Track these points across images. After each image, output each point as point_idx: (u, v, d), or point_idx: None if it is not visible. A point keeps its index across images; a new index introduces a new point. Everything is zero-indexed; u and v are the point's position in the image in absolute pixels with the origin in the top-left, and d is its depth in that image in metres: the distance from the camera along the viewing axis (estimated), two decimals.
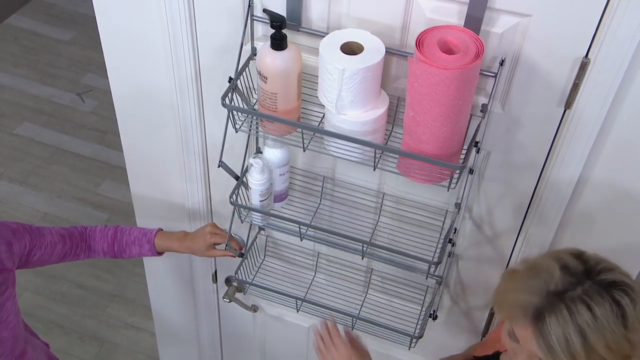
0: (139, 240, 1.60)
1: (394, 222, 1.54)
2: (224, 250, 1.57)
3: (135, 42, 1.44)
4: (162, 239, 1.61)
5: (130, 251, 1.61)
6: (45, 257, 1.53)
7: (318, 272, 1.74)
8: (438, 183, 1.25)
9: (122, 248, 1.60)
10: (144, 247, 1.60)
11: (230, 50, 1.36)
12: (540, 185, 1.35)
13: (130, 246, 1.60)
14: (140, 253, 1.61)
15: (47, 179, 3.31)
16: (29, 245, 1.48)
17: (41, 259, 1.52)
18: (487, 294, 1.59)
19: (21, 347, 1.51)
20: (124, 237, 1.60)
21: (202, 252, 1.59)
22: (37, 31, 4.07)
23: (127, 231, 1.61)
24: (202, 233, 1.58)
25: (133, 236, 1.60)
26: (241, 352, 2.11)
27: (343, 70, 1.15)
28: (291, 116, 1.29)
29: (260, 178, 1.38)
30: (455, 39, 1.11)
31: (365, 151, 1.25)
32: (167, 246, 1.61)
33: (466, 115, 1.19)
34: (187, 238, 1.60)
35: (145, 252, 1.61)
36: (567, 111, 1.23)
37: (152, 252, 1.61)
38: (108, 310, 2.86)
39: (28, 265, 1.50)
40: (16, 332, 1.47)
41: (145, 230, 1.62)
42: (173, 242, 1.60)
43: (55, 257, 1.55)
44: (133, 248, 1.61)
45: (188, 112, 1.53)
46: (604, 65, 1.14)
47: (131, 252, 1.61)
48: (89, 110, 3.64)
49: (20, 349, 1.51)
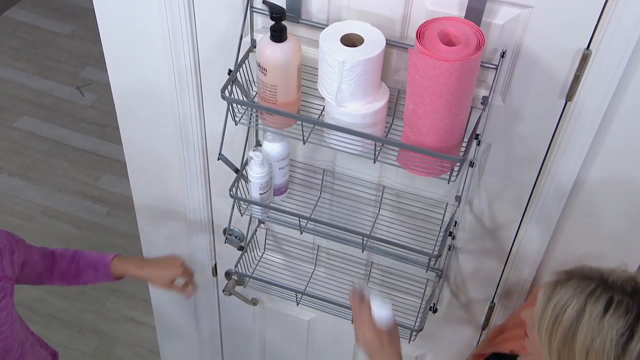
0: (95, 264, 1.60)
1: (394, 215, 1.54)
2: (181, 288, 1.62)
3: (134, 35, 1.44)
4: (119, 262, 1.60)
5: (88, 276, 1.60)
6: (30, 274, 1.53)
7: (318, 265, 1.74)
8: (438, 176, 1.25)
9: (78, 274, 1.60)
10: (100, 270, 1.59)
11: (230, 42, 1.35)
12: (541, 178, 1.34)
13: (86, 270, 1.60)
14: (95, 278, 1.61)
15: (46, 173, 3.31)
16: (23, 257, 1.48)
17: (27, 275, 1.52)
18: (488, 287, 1.59)
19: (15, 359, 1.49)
20: (81, 261, 1.60)
21: (162, 282, 1.60)
22: (36, 24, 4.06)
23: (85, 255, 1.61)
24: (173, 265, 1.59)
25: (90, 261, 1.60)
26: (241, 345, 2.11)
27: (343, 62, 1.14)
28: (291, 109, 1.28)
29: (260, 171, 1.38)
30: (456, 30, 1.11)
31: (365, 144, 1.25)
32: (123, 270, 1.61)
33: (467, 107, 1.19)
34: (148, 265, 1.61)
35: (100, 276, 1.60)
36: (568, 104, 1.22)
37: (108, 276, 1.60)
38: (108, 303, 2.87)
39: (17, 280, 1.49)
40: (9, 344, 1.45)
41: (102, 254, 1.61)
42: (129, 267, 1.61)
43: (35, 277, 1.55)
44: (87, 273, 1.60)
45: (187, 105, 1.52)
46: (605, 57, 1.14)
47: (85, 277, 1.61)
48: (89, 103, 3.64)
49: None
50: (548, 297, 1.03)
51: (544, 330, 1.02)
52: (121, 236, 3.08)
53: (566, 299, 0.99)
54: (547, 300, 1.02)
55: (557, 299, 1.00)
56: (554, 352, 1.02)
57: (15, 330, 1.48)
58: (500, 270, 1.54)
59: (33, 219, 3.10)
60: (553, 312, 1.00)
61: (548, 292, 1.03)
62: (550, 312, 1.01)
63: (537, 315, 1.04)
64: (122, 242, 3.06)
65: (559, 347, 1.01)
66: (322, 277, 1.73)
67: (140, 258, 1.62)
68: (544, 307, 1.03)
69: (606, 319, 0.96)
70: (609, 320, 0.96)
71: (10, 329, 1.45)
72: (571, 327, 0.98)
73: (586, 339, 0.97)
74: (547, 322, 1.01)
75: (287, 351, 2.04)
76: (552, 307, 1.01)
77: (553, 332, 1.01)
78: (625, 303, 0.96)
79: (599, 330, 0.96)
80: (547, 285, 1.05)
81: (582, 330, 0.97)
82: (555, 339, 1.00)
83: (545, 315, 1.02)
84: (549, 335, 1.01)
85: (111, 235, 3.08)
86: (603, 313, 0.96)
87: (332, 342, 1.94)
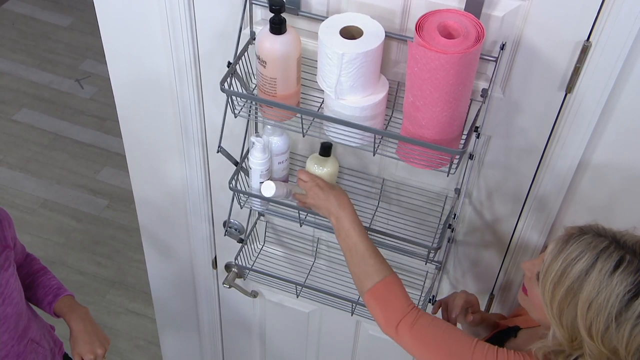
0: (51, 290, 1.59)
1: (394, 207, 1.54)
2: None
3: (134, 28, 1.43)
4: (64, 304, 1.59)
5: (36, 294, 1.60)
6: None
7: (318, 257, 1.74)
8: (438, 168, 1.25)
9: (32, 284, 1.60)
10: (48, 297, 1.59)
11: (229, 34, 1.35)
12: (541, 171, 1.34)
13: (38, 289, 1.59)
14: (41, 300, 1.60)
15: (46, 166, 3.31)
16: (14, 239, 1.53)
17: None
18: (487, 279, 1.59)
19: (24, 324, 1.52)
20: (42, 278, 1.60)
21: (79, 351, 1.56)
22: (35, 17, 4.05)
23: (49, 275, 1.61)
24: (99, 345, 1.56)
25: (51, 283, 1.60)
26: (241, 337, 2.12)
27: (342, 55, 1.14)
28: (290, 101, 1.28)
29: (262, 157, 1.37)
30: (456, 23, 1.11)
31: (364, 136, 1.25)
32: (63, 313, 1.59)
33: (466, 100, 1.19)
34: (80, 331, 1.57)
35: (44, 304, 1.60)
36: (568, 95, 1.22)
37: (50, 309, 1.59)
38: (108, 296, 2.87)
39: None
40: (20, 309, 1.48)
41: (61, 287, 1.61)
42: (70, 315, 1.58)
43: None
44: (39, 291, 1.59)
45: (187, 98, 1.52)
46: (605, 49, 1.13)
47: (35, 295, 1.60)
48: (88, 96, 3.63)
49: (24, 325, 1.52)
50: (560, 248, 1.05)
51: (549, 279, 1.05)
52: (121, 229, 3.08)
53: (578, 252, 1.03)
54: (559, 251, 1.05)
55: (570, 251, 1.03)
56: (555, 302, 1.04)
57: (23, 297, 1.52)
58: (499, 262, 1.54)
59: (33, 212, 3.11)
60: (563, 263, 1.03)
61: (560, 244, 1.06)
62: (560, 262, 1.04)
63: (545, 264, 1.06)
64: (122, 234, 3.07)
65: (561, 298, 1.04)
66: (322, 270, 1.73)
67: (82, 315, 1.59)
68: (553, 258, 1.05)
69: (616, 274, 1.00)
70: (618, 276, 0.99)
71: (20, 295, 1.48)
72: (579, 279, 1.02)
73: (592, 291, 1.00)
74: (555, 272, 1.04)
75: (286, 343, 2.05)
76: (563, 258, 1.04)
77: (560, 282, 1.03)
78: (636, 263, 1.00)
79: (607, 285, 0.99)
80: (560, 238, 1.07)
81: (589, 282, 1.01)
82: (561, 289, 1.03)
83: (554, 265, 1.05)
84: (554, 284, 1.04)
85: (111, 228, 3.09)
86: (613, 269, 1.00)
87: (332, 334, 1.94)
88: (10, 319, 1.46)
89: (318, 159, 1.40)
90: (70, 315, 1.58)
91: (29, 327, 1.54)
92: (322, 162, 1.39)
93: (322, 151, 1.39)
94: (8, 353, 1.49)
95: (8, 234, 1.47)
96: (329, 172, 1.40)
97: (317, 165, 1.39)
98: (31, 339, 1.56)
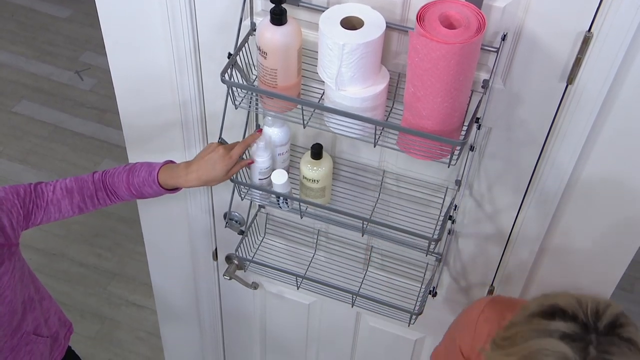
0: (147, 181, 1.47)
1: (394, 199, 1.54)
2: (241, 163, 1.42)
3: (133, 19, 1.43)
4: (165, 177, 1.46)
5: (147, 192, 1.49)
6: (49, 215, 1.47)
7: (318, 249, 1.75)
8: (438, 160, 1.25)
9: (139, 191, 1.49)
10: (153, 187, 1.47)
11: (230, 25, 1.35)
12: (541, 162, 1.34)
13: (143, 187, 1.48)
14: (156, 193, 1.49)
15: (46, 158, 3.31)
16: (23, 210, 1.42)
17: (46, 217, 1.46)
18: (487, 271, 1.60)
19: (19, 318, 1.50)
20: (135, 179, 1.48)
21: (220, 179, 1.41)
22: (35, 8, 4.04)
23: (137, 172, 1.48)
24: (215, 160, 1.39)
25: (141, 177, 1.47)
26: (242, 329, 2.12)
27: (343, 45, 1.14)
28: (291, 92, 1.28)
29: (263, 155, 1.37)
30: (457, 13, 1.10)
31: (365, 127, 1.25)
32: (172, 184, 1.46)
33: (467, 91, 1.18)
34: (192, 170, 1.42)
35: (158, 191, 1.48)
36: (569, 86, 1.22)
37: (163, 191, 1.48)
38: (109, 288, 2.88)
39: (30, 226, 1.45)
40: (14, 307, 1.46)
41: (150, 169, 1.48)
42: (178, 179, 1.44)
43: (65, 213, 1.48)
44: (145, 190, 1.48)
45: (187, 89, 1.52)
46: (607, 40, 1.13)
47: (148, 193, 1.50)
48: (88, 88, 3.63)
49: (18, 319, 1.49)
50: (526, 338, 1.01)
51: None
52: (121, 221, 3.09)
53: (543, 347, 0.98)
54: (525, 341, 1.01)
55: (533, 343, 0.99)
56: None
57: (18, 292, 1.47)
58: (499, 254, 1.55)
59: None
60: None
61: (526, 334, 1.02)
62: None
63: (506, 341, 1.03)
64: (123, 226, 3.07)
65: None
66: (323, 262, 1.73)
67: (185, 165, 1.43)
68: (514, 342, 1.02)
69: None
70: None
71: (14, 292, 1.44)
72: None
73: None
74: None
75: (287, 335, 2.05)
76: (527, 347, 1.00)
77: None
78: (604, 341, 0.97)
79: None
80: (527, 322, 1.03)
81: None
82: None
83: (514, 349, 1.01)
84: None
85: (111, 220, 3.09)
86: None
87: (332, 326, 1.95)
88: (3, 318, 1.43)
89: (311, 161, 1.41)
90: (178, 183, 1.45)
91: (23, 320, 1.52)
92: (315, 163, 1.40)
93: (312, 154, 1.39)
94: (2, 348, 1.47)
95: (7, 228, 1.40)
96: (324, 172, 1.40)
97: (311, 167, 1.40)
98: (26, 331, 1.54)
